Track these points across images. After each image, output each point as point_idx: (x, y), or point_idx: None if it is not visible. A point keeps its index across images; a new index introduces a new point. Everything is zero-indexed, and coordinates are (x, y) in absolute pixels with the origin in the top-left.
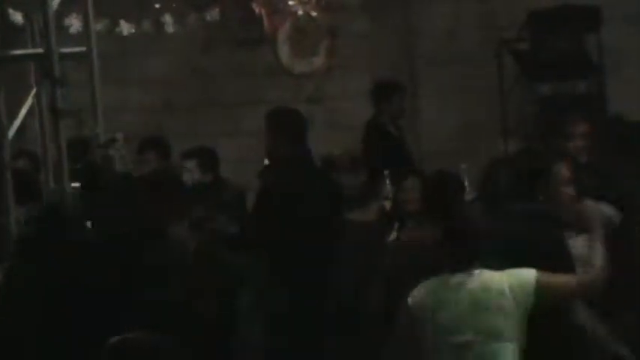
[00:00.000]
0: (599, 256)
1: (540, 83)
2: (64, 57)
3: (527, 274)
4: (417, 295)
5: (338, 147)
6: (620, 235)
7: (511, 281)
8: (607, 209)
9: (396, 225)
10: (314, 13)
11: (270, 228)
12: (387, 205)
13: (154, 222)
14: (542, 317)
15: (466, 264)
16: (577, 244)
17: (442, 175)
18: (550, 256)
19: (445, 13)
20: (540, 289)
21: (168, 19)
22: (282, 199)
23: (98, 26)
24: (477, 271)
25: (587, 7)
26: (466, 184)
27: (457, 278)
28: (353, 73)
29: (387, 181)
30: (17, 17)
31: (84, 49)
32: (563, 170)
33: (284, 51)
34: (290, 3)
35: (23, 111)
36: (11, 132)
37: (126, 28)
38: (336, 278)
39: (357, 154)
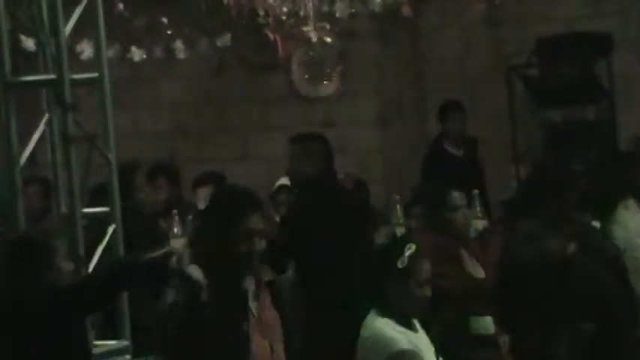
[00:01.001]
0: None
1: (550, 109)
2: (75, 83)
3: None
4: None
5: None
6: None
7: None
8: None
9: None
10: (328, 39)
11: (299, 250)
12: (398, 231)
13: None
14: None
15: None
16: None
17: None
18: None
19: (454, 39)
20: None
21: (179, 45)
22: (308, 222)
23: (110, 52)
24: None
25: (597, 33)
26: (478, 210)
27: None
28: (363, 98)
29: (398, 207)
30: (29, 44)
31: (96, 75)
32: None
33: (297, 76)
34: (304, 29)
35: (35, 137)
36: (23, 158)
37: (137, 54)
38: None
39: (359, 178)
